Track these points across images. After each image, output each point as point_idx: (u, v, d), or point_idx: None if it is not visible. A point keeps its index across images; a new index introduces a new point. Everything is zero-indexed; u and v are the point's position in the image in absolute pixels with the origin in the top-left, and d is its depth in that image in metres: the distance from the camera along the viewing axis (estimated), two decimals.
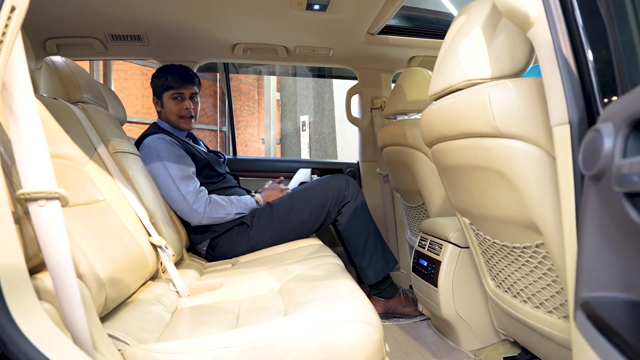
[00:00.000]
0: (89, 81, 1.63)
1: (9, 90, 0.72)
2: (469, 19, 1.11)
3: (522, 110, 0.93)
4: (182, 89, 1.96)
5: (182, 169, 1.81)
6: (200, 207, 1.78)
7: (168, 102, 1.97)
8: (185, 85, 1.96)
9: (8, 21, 0.68)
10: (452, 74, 1.11)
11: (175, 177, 1.78)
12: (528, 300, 1.15)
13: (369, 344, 0.84)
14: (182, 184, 1.78)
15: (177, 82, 1.95)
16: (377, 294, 1.94)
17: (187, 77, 1.97)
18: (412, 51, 2.42)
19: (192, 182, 1.81)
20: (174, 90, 1.96)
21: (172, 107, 1.97)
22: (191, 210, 1.78)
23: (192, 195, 1.78)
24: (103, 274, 0.96)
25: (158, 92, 1.99)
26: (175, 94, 1.96)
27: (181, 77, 1.96)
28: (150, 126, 2.02)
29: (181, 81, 1.95)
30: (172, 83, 1.95)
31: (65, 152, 1.16)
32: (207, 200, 1.81)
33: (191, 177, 1.83)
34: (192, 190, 1.79)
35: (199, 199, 1.79)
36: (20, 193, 0.70)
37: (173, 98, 1.96)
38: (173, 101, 1.96)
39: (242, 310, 1.14)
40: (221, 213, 1.83)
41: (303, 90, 8.67)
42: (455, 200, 1.34)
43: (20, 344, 0.61)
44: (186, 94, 1.97)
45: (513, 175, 0.97)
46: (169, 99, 1.97)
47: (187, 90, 1.97)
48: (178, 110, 1.96)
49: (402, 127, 1.99)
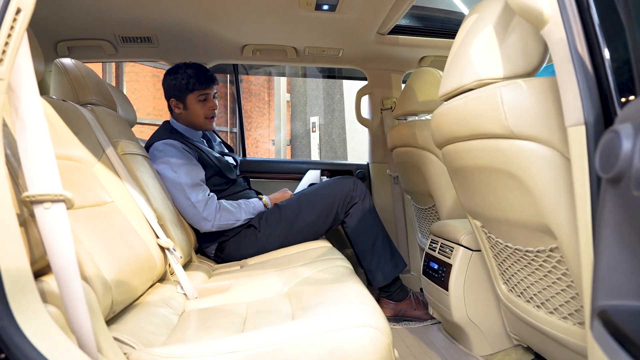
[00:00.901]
0: (99, 83, 1.63)
1: (15, 91, 0.71)
2: (481, 17, 1.08)
3: (535, 111, 0.90)
4: (208, 90, 1.93)
5: (192, 177, 1.80)
6: (210, 215, 1.78)
7: (194, 103, 1.92)
8: (211, 85, 1.94)
9: (14, 23, 0.68)
10: (463, 74, 1.08)
11: (186, 185, 1.77)
12: (542, 305, 1.12)
13: (378, 350, 0.82)
14: (192, 192, 1.78)
15: (203, 84, 1.91)
16: (387, 297, 1.91)
17: (211, 77, 1.95)
18: (422, 51, 2.39)
19: (202, 190, 1.81)
20: (200, 92, 1.92)
21: (198, 109, 1.93)
22: (201, 219, 1.78)
23: (202, 204, 1.78)
24: (109, 277, 0.96)
25: (180, 94, 1.93)
26: (202, 96, 1.92)
27: (206, 77, 1.92)
28: (161, 127, 1.99)
29: (207, 82, 1.92)
30: (198, 84, 1.91)
31: (73, 154, 1.16)
32: (216, 207, 1.80)
33: (201, 185, 1.82)
34: (202, 198, 1.78)
35: (208, 207, 1.78)
36: (25, 195, 0.70)
37: (200, 99, 1.92)
38: (200, 103, 1.92)
39: (249, 314, 1.13)
40: (231, 219, 1.83)
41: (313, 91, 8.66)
42: (467, 203, 1.32)
43: (23, 347, 0.61)
44: (211, 94, 1.95)
45: (526, 177, 0.95)
46: (194, 101, 1.92)
47: (212, 90, 1.96)
48: (205, 112, 1.94)
49: (413, 128, 1.97)
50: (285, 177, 2.68)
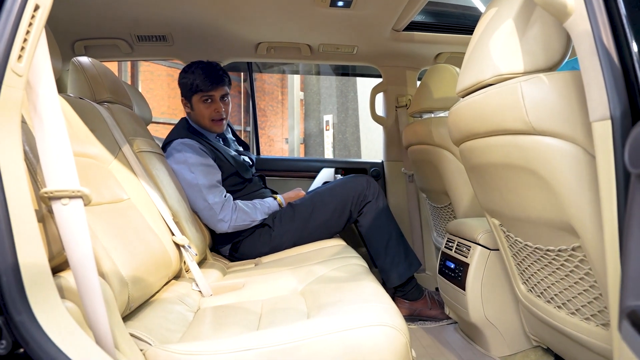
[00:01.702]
0: (115, 81, 1.64)
1: (34, 88, 0.72)
2: (500, 11, 1.06)
3: (557, 106, 0.88)
4: (212, 92, 1.86)
5: (209, 178, 1.79)
6: (226, 217, 1.78)
7: (198, 105, 1.88)
8: (215, 87, 1.86)
9: (32, 20, 0.68)
10: (482, 69, 1.06)
11: (203, 186, 1.77)
12: (563, 306, 1.10)
13: (395, 350, 0.81)
14: (210, 194, 1.77)
15: (206, 85, 1.84)
16: (402, 296, 1.90)
17: (217, 78, 1.86)
18: (438, 48, 2.36)
19: (219, 192, 1.81)
20: (203, 94, 1.86)
21: (202, 111, 1.88)
22: (218, 221, 1.78)
23: (219, 206, 1.77)
24: (126, 273, 0.96)
25: (186, 94, 1.90)
26: (206, 97, 1.86)
27: (210, 78, 1.85)
28: (178, 125, 1.98)
29: (211, 83, 1.84)
30: (201, 86, 1.84)
31: (90, 151, 1.17)
32: (233, 208, 1.80)
33: (217, 186, 1.82)
34: (219, 200, 1.78)
35: (225, 209, 1.78)
36: (44, 191, 0.70)
37: (203, 101, 1.87)
38: (203, 104, 1.87)
39: (264, 311, 1.12)
40: (247, 220, 1.83)
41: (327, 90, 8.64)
42: (485, 201, 1.29)
43: (42, 342, 0.61)
44: (216, 96, 1.87)
45: (548, 175, 0.92)
46: (199, 102, 1.87)
47: (218, 92, 1.87)
48: (209, 114, 1.88)
49: (428, 126, 1.94)
50: (300, 176, 2.67)
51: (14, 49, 0.65)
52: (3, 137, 0.63)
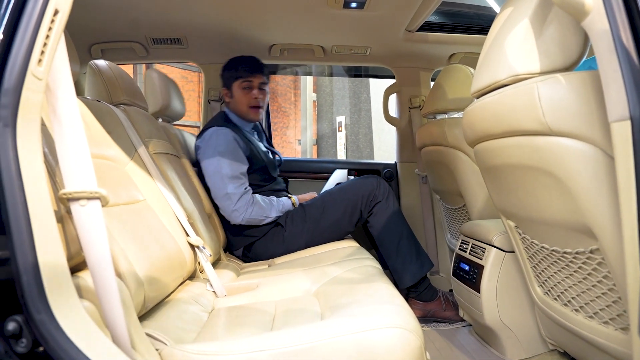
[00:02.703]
0: (131, 83, 1.67)
1: (53, 91, 0.73)
2: (516, 10, 1.05)
3: (575, 106, 0.86)
4: (251, 78, 1.98)
5: (234, 169, 1.84)
6: (241, 209, 1.81)
7: (237, 91, 1.99)
8: (254, 74, 1.98)
9: (52, 24, 0.70)
10: (497, 69, 1.05)
11: (226, 175, 1.81)
12: (580, 309, 1.08)
13: (409, 352, 0.80)
14: (230, 183, 1.81)
15: (246, 72, 1.97)
16: (416, 297, 1.88)
17: (257, 67, 1.99)
18: (452, 48, 2.34)
19: (240, 183, 1.84)
20: (242, 79, 1.97)
21: (241, 97, 1.99)
22: (232, 211, 1.81)
23: (236, 196, 1.81)
24: (142, 273, 0.97)
25: (228, 82, 2.02)
26: (245, 83, 1.98)
27: (250, 66, 1.98)
28: (217, 115, 2.07)
29: (250, 70, 1.97)
30: (241, 72, 1.97)
31: (107, 153, 1.19)
32: (249, 201, 1.83)
33: (240, 178, 1.85)
34: (237, 191, 1.81)
35: (241, 200, 1.81)
36: (62, 193, 0.71)
37: (242, 88, 1.98)
38: (242, 91, 1.98)
39: (278, 312, 1.13)
40: (261, 215, 1.85)
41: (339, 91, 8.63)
42: (500, 202, 1.28)
43: (61, 341, 0.62)
44: (255, 82, 1.99)
45: (565, 176, 0.91)
46: (238, 89, 1.99)
47: (257, 79, 1.99)
48: (248, 100, 1.98)
49: (442, 127, 1.93)
50: (312, 177, 2.68)
51: (34, 52, 0.66)
52: (24, 139, 0.64)
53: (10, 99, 0.63)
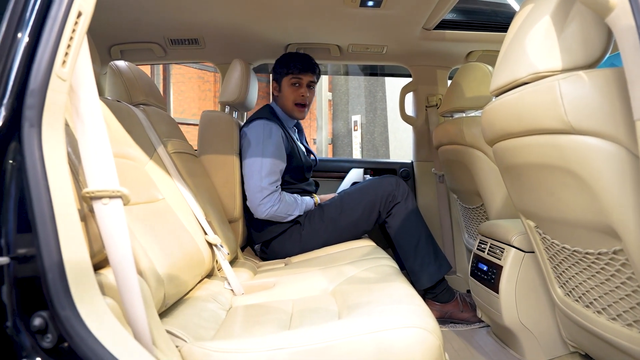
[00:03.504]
0: (150, 84, 1.69)
1: (76, 92, 0.75)
2: (537, 7, 1.03)
3: (598, 104, 0.85)
4: (301, 75, 2.00)
5: (274, 164, 1.86)
6: (267, 204, 1.83)
7: (286, 87, 2.01)
8: (305, 72, 2.00)
9: (75, 26, 0.71)
10: (517, 67, 1.04)
11: (264, 167, 1.83)
12: (603, 311, 1.06)
13: (428, 352, 0.79)
14: (266, 177, 1.83)
15: (297, 69, 1.99)
16: (433, 298, 1.87)
17: (308, 65, 2.01)
18: (470, 46, 2.32)
19: (275, 179, 1.86)
20: (293, 76, 1.99)
21: (289, 93, 2.01)
22: (260, 204, 1.83)
23: (267, 191, 1.83)
24: (162, 271, 0.98)
25: (278, 77, 2.04)
26: (294, 79, 2.00)
27: (302, 64, 2.00)
28: (263, 107, 2.08)
29: (301, 68, 1.99)
30: (292, 69, 1.99)
31: (127, 152, 1.21)
32: (277, 199, 1.84)
33: (276, 174, 1.87)
34: (270, 187, 1.83)
35: (270, 196, 1.83)
36: (85, 191, 0.73)
37: (291, 84, 2.00)
38: (291, 87, 2.00)
39: (295, 311, 1.13)
40: (285, 212, 1.87)
41: (355, 90, 8.60)
42: (520, 202, 1.26)
43: (85, 337, 0.63)
44: (304, 80, 2.01)
45: (588, 175, 0.89)
46: (287, 85, 2.01)
47: (306, 77, 2.01)
48: (294, 97, 2.01)
49: (460, 125, 1.91)
50: (328, 176, 2.67)
51: (58, 54, 0.67)
52: (49, 139, 0.66)
53: (36, 99, 0.65)
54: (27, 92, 0.65)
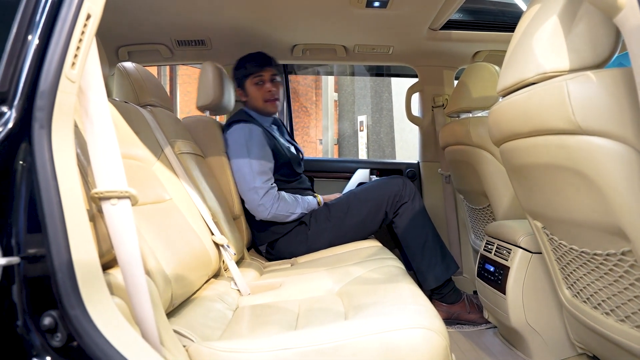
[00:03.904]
0: (157, 85, 1.70)
1: (85, 93, 0.75)
2: (544, 7, 1.03)
3: (606, 104, 0.84)
4: (261, 72, 1.98)
5: (262, 164, 1.85)
6: (267, 202, 1.82)
7: (251, 88, 1.99)
8: (264, 68, 1.98)
9: (84, 28, 0.72)
10: (524, 68, 1.03)
11: (255, 169, 1.83)
12: (611, 312, 1.05)
13: (435, 353, 0.79)
14: (258, 177, 1.83)
15: (255, 67, 1.98)
16: (440, 299, 1.87)
17: (264, 60, 2.00)
18: (476, 46, 2.31)
19: (267, 178, 1.85)
20: (253, 75, 1.98)
21: (255, 93, 1.99)
22: (259, 205, 1.82)
23: (262, 190, 1.82)
24: (169, 271, 0.99)
25: (240, 82, 2.03)
26: (256, 79, 1.98)
27: (259, 61, 1.99)
28: (238, 112, 2.05)
29: (259, 65, 1.98)
30: (251, 69, 1.98)
31: (135, 153, 1.22)
32: (275, 197, 1.84)
33: (267, 173, 1.87)
34: (264, 186, 1.83)
35: (268, 195, 1.82)
36: (94, 192, 0.73)
37: (255, 84, 1.98)
38: (255, 87, 1.99)
39: (301, 311, 1.13)
40: (287, 212, 1.85)
41: (361, 90, 8.60)
42: (527, 203, 1.26)
43: (94, 336, 0.64)
44: (266, 76, 1.99)
45: (595, 176, 0.89)
46: (251, 86, 1.99)
47: (267, 72, 1.99)
48: (262, 95, 1.98)
49: (466, 126, 1.91)
50: (334, 177, 2.68)
51: (68, 56, 0.68)
52: (59, 140, 0.66)
53: (45, 101, 0.66)
54: (37, 94, 0.66)
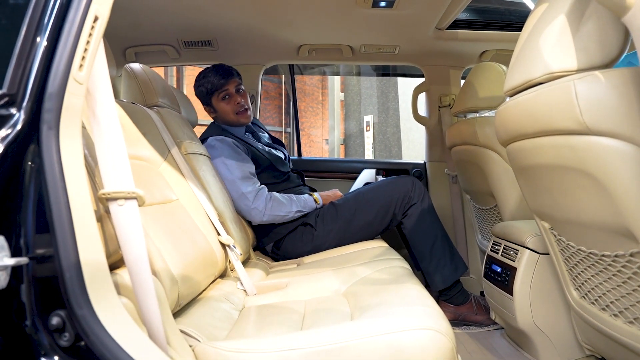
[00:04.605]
0: (164, 86, 1.71)
1: (93, 95, 0.76)
2: (552, 6, 1.02)
3: (615, 104, 0.83)
4: (226, 86, 1.93)
5: (242, 170, 1.83)
6: (260, 205, 1.80)
7: (219, 104, 1.95)
8: (227, 80, 1.93)
9: (92, 30, 0.72)
10: (531, 67, 1.03)
11: (237, 177, 1.81)
12: (619, 314, 1.04)
13: (441, 354, 0.79)
14: (243, 184, 1.81)
15: (219, 81, 1.93)
16: (447, 300, 1.86)
17: (226, 72, 1.94)
18: (483, 45, 2.30)
19: (252, 182, 1.84)
20: (219, 91, 1.94)
21: (224, 108, 1.95)
22: (252, 209, 1.80)
23: (252, 194, 1.80)
24: (176, 271, 0.99)
25: (206, 100, 1.98)
26: (222, 94, 1.94)
27: (220, 74, 1.93)
28: (209, 127, 2.03)
29: (222, 78, 1.93)
30: (214, 84, 1.93)
31: (142, 153, 1.22)
32: (267, 198, 1.82)
33: (251, 177, 1.85)
34: (252, 189, 1.81)
35: (258, 198, 1.81)
36: (101, 193, 0.74)
37: (222, 99, 1.94)
38: (223, 102, 1.94)
39: (307, 312, 1.13)
40: (282, 211, 1.84)
41: (367, 90, 8.60)
42: (534, 203, 1.25)
43: (101, 336, 0.64)
44: (231, 89, 1.94)
45: (604, 176, 0.88)
46: (218, 102, 1.95)
47: (231, 84, 1.94)
48: (232, 108, 1.94)
49: (473, 126, 1.90)
50: (340, 177, 2.68)
51: (75, 58, 0.68)
52: (66, 142, 0.67)
53: (54, 103, 0.66)
54: (45, 96, 0.66)
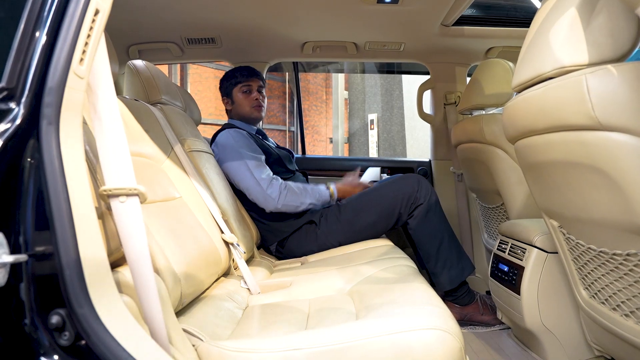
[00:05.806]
0: (167, 83, 1.70)
1: (94, 90, 0.74)
2: (561, 0, 1.00)
3: (627, 99, 0.81)
4: (250, 82, 2.08)
5: (256, 158, 1.87)
6: (274, 193, 1.81)
7: (238, 96, 2.08)
8: (252, 78, 2.09)
9: (92, 24, 0.71)
10: (541, 62, 1.01)
11: (250, 165, 1.84)
12: (630, 314, 1.02)
13: (449, 354, 0.77)
14: (256, 170, 1.83)
15: (244, 76, 2.08)
16: (453, 300, 1.83)
17: (253, 72, 2.11)
18: (490, 42, 2.27)
19: (266, 170, 1.86)
20: (242, 84, 2.08)
21: (243, 100, 2.08)
22: (266, 196, 1.81)
23: (266, 182, 1.81)
24: (179, 270, 0.98)
25: (228, 90, 2.12)
26: (244, 87, 2.08)
27: (248, 71, 2.10)
28: (223, 126, 2.09)
29: (248, 75, 2.09)
30: (240, 78, 2.08)
31: (145, 150, 1.21)
32: (281, 186, 1.83)
33: (264, 166, 1.88)
34: (266, 177, 1.83)
35: (272, 185, 1.82)
36: (103, 189, 0.73)
37: (243, 92, 2.08)
38: (243, 94, 2.08)
39: (312, 311, 1.12)
40: (296, 201, 1.83)
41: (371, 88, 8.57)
42: (543, 201, 1.23)
43: (102, 335, 0.63)
44: (254, 86, 2.09)
45: (615, 173, 0.86)
46: (238, 93, 2.08)
47: (255, 82, 2.09)
48: (249, 102, 2.08)
49: (479, 123, 1.87)
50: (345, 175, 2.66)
51: (76, 52, 0.67)
52: (67, 137, 0.66)
53: (54, 97, 0.65)
54: (45, 90, 0.65)
